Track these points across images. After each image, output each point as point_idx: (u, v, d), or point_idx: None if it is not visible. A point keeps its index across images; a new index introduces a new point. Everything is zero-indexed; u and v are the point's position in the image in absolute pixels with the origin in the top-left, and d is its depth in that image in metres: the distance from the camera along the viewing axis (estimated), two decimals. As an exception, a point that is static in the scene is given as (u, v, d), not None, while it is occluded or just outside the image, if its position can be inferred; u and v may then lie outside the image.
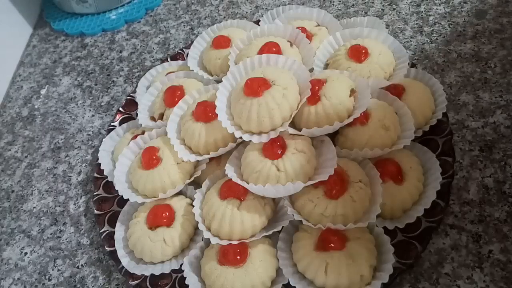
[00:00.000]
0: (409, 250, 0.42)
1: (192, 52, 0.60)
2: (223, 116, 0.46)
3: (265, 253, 0.42)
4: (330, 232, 0.40)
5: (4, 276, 0.51)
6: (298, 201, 0.43)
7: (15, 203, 0.58)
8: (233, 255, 0.42)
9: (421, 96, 0.49)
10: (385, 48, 0.51)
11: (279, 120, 0.44)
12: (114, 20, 0.78)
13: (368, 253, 0.40)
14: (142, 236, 0.45)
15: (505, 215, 0.45)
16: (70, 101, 0.69)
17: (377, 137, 0.44)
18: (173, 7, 0.79)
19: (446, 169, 0.45)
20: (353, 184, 0.42)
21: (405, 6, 0.67)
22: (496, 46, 0.59)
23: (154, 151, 0.48)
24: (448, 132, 0.48)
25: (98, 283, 0.48)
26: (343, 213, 0.41)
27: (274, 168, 0.42)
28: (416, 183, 0.44)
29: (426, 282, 0.42)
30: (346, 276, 0.39)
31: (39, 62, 0.76)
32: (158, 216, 0.45)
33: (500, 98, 0.53)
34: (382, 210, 0.43)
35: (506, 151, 0.49)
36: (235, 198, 0.43)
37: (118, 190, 0.49)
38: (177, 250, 0.45)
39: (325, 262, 0.40)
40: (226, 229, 0.43)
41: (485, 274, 0.42)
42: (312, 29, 0.56)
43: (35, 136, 0.65)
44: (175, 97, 0.52)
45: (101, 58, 0.73)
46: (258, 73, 0.46)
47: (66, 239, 0.53)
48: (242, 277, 0.41)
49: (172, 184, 0.47)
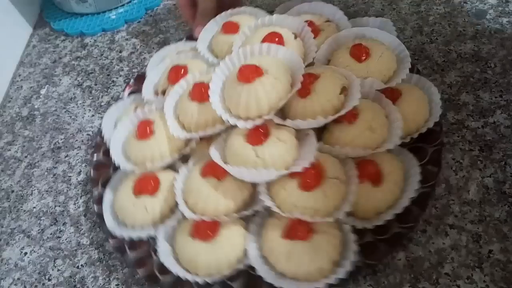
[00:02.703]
0: (375, 252, 0.42)
1: (203, 34, 0.61)
2: (215, 98, 0.48)
3: (235, 233, 0.44)
4: (298, 222, 0.42)
5: (4, 276, 0.51)
6: (273, 188, 0.44)
7: (15, 203, 0.58)
8: (203, 230, 0.44)
9: (416, 103, 0.49)
10: (387, 51, 0.51)
11: (266, 108, 0.45)
12: (114, 20, 0.78)
13: (331, 247, 0.41)
14: (126, 201, 0.48)
15: (505, 215, 0.45)
16: (70, 101, 0.69)
17: (361, 138, 0.45)
18: (173, 7, 0.79)
19: (428, 179, 0.45)
20: (328, 180, 0.43)
21: (405, 6, 0.67)
22: (496, 46, 0.59)
23: (149, 124, 0.51)
24: (439, 142, 0.48)
25: (98, 283, 0.48)
26: (314, 206, 0.42)
27: (253, 154, 0.43)
28: (393, 188, 0.44)
29: (426, 282, 0.42)
30: (305, 266, 0.40)
31: (39, 62, 0.76)
32: (143, 185, 0.48)
33: (500, 98, 0.53)
34: (356, 210, 0.44)
35: (506, 151, 0.49)
36: (214, 177, 0.45)
37: (112, 156, 0.51)
38: (156, 218, 0.48)
39: (287, 250, 0.41)
40: (201, 205, 0.45)
41: (485, 274, 0.42)
42: (322, 24, 0.56)
43: (35, 136, 0.65)
44: (179, 75, 0.54)
45: (101, 58, 0.73)
46: (254, 60, 0.48)
47: (66, 239, 0.53)
48: (209, 252, 0.43)
49: (160, 156, 0.50)
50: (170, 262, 0.44)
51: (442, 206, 0.46)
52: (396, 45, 0.52)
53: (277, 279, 0.41)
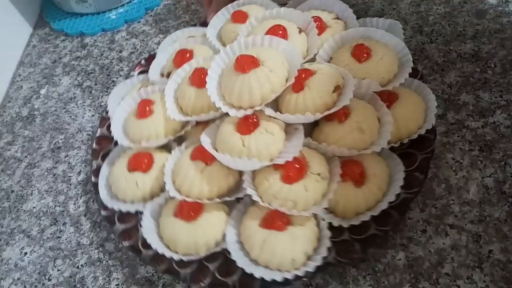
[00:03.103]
0: (349, 251, 0.43)
1: (214, 21, 0.62)
2: (211, 85, 0.49)
3: (216, 217, 0.46)
4: (276, 213, 0.43)
5: (4, 276, 0.51)
6: (257, 178, 0.46)
7: (15, 203, 0.58)
8: (186, 211, 0.45)
9: (411, 109, 0.48)
10: (390, 54, 0.50)
11: (258, 100, 0.46)
12: (114, 20, 0.78)
13: (306, 241, 0.42)
14: (120, 175, 0.50)
15: (505, 215, 0.45)
16: (70, 101, 0.69)
17: (349, 137, 0.45)
18: (173, 7, 0.79)
19: (413, 185, 0.45)
20: (310, 175, 0.43)
21: (405, 6, 0.67)
22: (496, 46, 0.59)
23: (149, 103, 0.53)
24: (430, 150, 0.47)
25: (98, 283, 0.48)
26: (293, 199, 0.43)
27: (240, 143, 0.45)
28: (374, 190, 0.44)
29: (426, 282, 0.42)
30: (278, 256, 0.41)
31: (39, 62, 0.76)
32: (137, 162, 0.50)
33: (500, 98, 0.53)
34: (335, 208, 0.45)
35: (506, 151, 0.49)
36: (202, 162, 0.47)
37: (112, 132, 0.53)
38: (146, 195, 0.49)
39: (263, 238, 0.42)
40: (186, 187, 0.46)
41: (485, 274, 0.42)
42: (329, 21, 0.56)
43: (35, 136, 0.65)
44: (184, 59, 0.56)
45: (101, 58, 0.73)
46: (253, 51, 0.49)
47: (66, 239, 0.53)
48: (189, 232, 0.44)
49: (156, 136, 0.51)
50: (151, 237, 0.45)
51: (442, 206, 0.46)
52: (400, 48, 0.51)
53: (249, 266, 0.42)
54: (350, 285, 0.43)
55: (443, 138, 0.51)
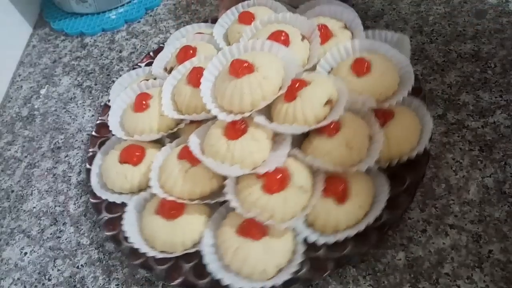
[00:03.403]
0: (320, 268, 0.42)
1: (223, 19, 0.62)
2: (205, 86, 0.49)
3: (196, 219, 0.46)
4: (253, 222, 0.42)
5: (4, 276, 0.51)
6: (240, 184, 0.46)
7: (15, 203, 0.58)
8: (168, 209, 0.46)
9: (405, 130, 0.46)
10: (391, 70, 0.49)
11: (248, 106, 0.46)
12: (114, 20, 0.78)
13: (279, 253, 0.42)
14: (110, 167, 0.51)
15: (505, 215, 0.45)
16: (70, 101, 0.69)
17: (336, 153, 0.44)
18: (173, 7, 0.79)
19: (396, 207, 0.44)
20: (292, 187, 0.43)
21: (405, 6, 0.67)
22: (496, 46, 0.59)
23: (146, 97, 0.53)
24: (420, 175, 0.46)
25: (98, 283, 0.48)
26: (271, 210, 0.42)
27: (225, 147, 0.44)
28: (355, 210, 0.43)
29: (426, 282, 0.42)
30: (250, 265, 0.41)
31: (38, 62, 0.76)
32: (129, 154, 0.51)
33: (500, 98, 0.53)
34: (314, 223, 0.44)
35: (506, 151, 0.49)
36: (188, 162, 0.47)
37: (109, 122, 0.54)
38: (134, 188, 0.50)
39: (237, 245, 0.42)
40: (169, 185, 0.46)
41: (485, 274, 0.42)
42: (336, 29, 0.55)
43: (35, 136, 0.65)
44: (187, 56, 0.56)
45: (101, 58, 0.73)
46: (249, 56, 0.48)
47: (66, 239, 0.53)
48: (167, 230, 0.45)
49: (150, 130, 0.52)
50: (130, 231, 0.46)
51: (442, 206, 0.46)
52: (404, 65, 0.50)
53: (219, 271, 0.42)
54: (350, 285, 0.43)
55: (443, 138, 0.51)
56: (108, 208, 0.51)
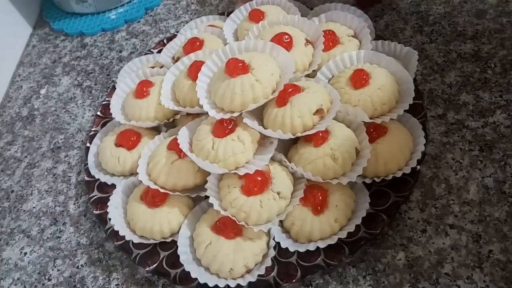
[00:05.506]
0: (289, 274, 0.43)
1: (235, 15, 0.62)
2: (201, 81, 0.50)
3: (178, 209, 0.47)
4: (229, 220, 0.43)
5: (4, 276, 0.51)
6: (221, 182, 0.46)
7: (15, 203, 0.58)
8: (151, 197, 0.47)
9: (396, 147, 0.46)
10: (390, 85, 0.48)
11: (238, 106, 0.46)
12: (114, 20, 0.78)
13: (249, 254, 0.43)
14: (106, 148, 0.53)
15: (505, 215, 0.45)
16: (70, 101, 0.69)
17: (320, 163, 0.44)
18: (173, 7, 0.79)
19: (373, 225, 0.44)
20: (270, 192, 0.43)
21: (405, 6, 0.67)
22: (496, 46, 0.59)
23: (148, 85, 0.54)
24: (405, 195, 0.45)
25: (98, 283, 0.48)
26: (246, 211, 0.43)
27: (211, 145, 0.45)
28: (331, 222, 0.43)
29: (426, 282, 0.42)
30: (218, 261, 0.42)
31: (38, 62, 0.76)
32: (124, 138, 0.53)
33: (500, 98, 0.53)
34: (290, 229, 0.44)
35: (506, 151, 0.49)
36: (176, 153, 0.48)
37: (111, 105, 0.56)
38: (126, 172, 0.52)
39: (209, 241, 0.43)
40: (155, 174, 0.47)
41: (485, 274, 0.42)
42: (343, 37, 0.54)
43: (35, 136, 0.65)
44: (194, 47, 0.57)
45: (101, 58, 0.73)
46: (247, 56, 0.49)
47: (65, 239, 0.53)
48: (147, 217, 0.46)
49: (147, 118, 0.53)
50: (113, 213, 0.48)
51: (442, 206, 0.46)
52: (405, 81, 0.49)
53: (190, 264, 0.43)
54: (350, 285, 0.43)
55: (443, 138, 0.51)
56: (100, 187, 0.53)
